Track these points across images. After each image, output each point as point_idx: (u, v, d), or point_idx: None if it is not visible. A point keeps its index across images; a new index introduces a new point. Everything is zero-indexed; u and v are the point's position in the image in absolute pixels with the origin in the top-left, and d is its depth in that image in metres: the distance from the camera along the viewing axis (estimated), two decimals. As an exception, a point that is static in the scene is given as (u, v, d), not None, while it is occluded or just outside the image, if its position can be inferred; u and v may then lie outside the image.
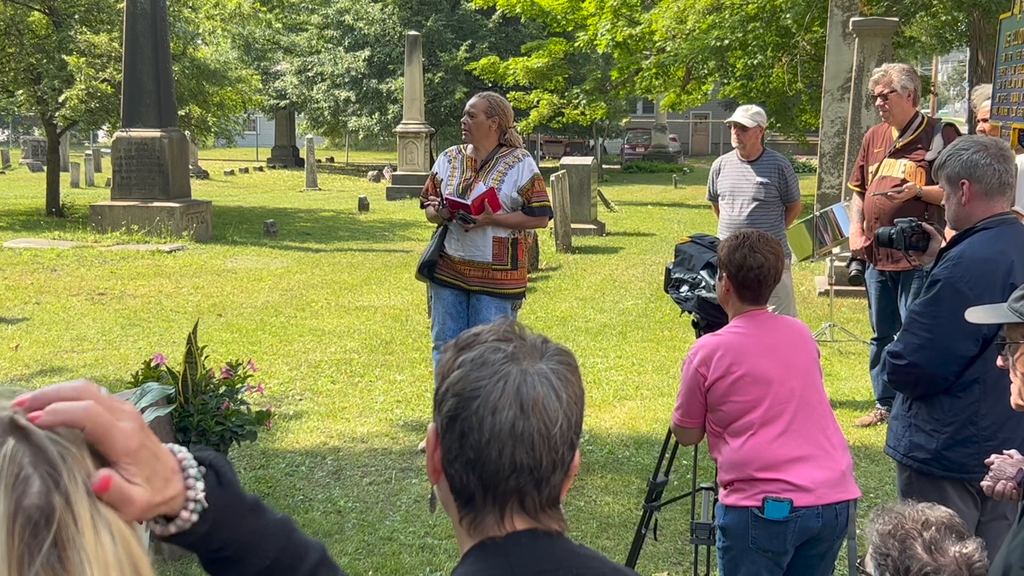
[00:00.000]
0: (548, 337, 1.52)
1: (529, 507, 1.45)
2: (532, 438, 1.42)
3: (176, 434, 5.32)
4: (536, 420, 1.42)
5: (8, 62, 20.16)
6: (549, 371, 1.45)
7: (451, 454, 1.45)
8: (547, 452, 1.43)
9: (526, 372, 1.43)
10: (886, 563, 2.36)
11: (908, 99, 6.71)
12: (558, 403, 1.44)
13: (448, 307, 6.36)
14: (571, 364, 1.49)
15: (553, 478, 1.46)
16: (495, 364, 1.44)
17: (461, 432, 1.43)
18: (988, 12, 18.88)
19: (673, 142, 50.44)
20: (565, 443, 1.45)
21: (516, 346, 1.46)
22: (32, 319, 10.59)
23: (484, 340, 1.48)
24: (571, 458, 1.48)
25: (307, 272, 14.27)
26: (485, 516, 1.46)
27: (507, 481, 1.43)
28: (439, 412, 1.47)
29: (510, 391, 1.42)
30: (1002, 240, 3.63)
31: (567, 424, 1.45)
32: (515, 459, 1.42)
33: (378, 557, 5.08)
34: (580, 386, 1.50)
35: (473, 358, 1.45)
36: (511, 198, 6.17)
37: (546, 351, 1.48)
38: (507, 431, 1.41)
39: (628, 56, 26.29)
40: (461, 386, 1.44)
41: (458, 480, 1.46)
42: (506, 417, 1.41)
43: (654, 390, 8.04)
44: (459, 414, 1.43)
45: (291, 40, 39.00)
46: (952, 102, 75.60)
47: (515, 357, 1.45)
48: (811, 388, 3.56)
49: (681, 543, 5.21)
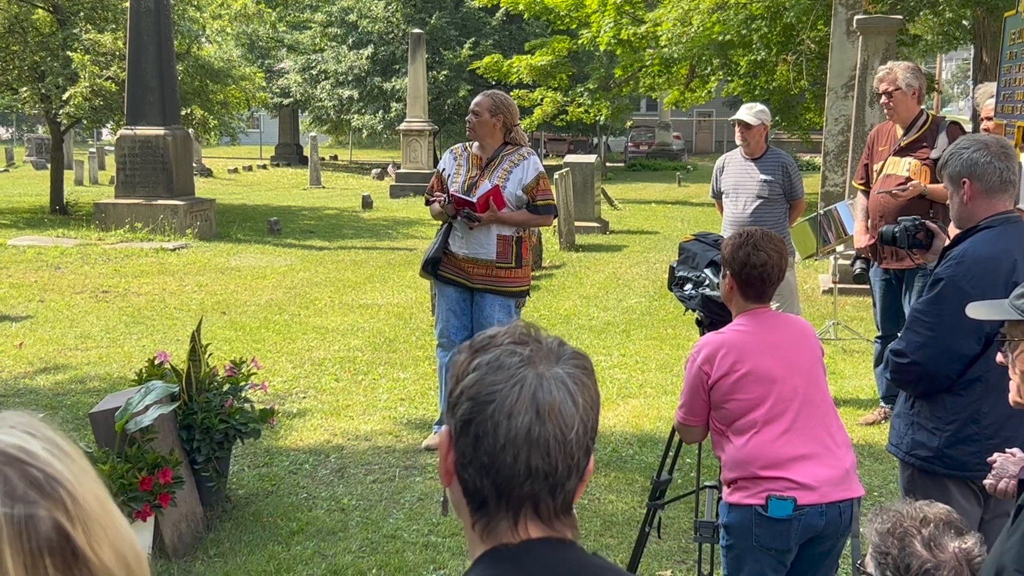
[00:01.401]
0: (564, 340, 1.50)
1: (543, 513, 1.43)
2: (548, 444, 1.39)
3: (180, 432, 5.33)
4: (552, 425, 1.39)
5: (12, 60, 20.17)
6: (566, 375, 1.43)
7: (465, 458, 1.43)
8: (563, 458, 1.41)
9: (542, 376, 1.41)
10: (886, 561, 2.36)
11: (912, 97, 6.70)
12: (574, 408, 1.41)
13: (452, 304, 6.37)
14: (587, 368, 1.47)
15: (568, 484, 1.43)
16: (511, 368, 1.41)
17: (476, 436, 1.41)
18: (992, 10, 18.85)
19: (677, 140, 50.42)
20: (581, 448, 1.43)
21: (532, 349, 1.44)
22: (36, 317, 10.60)
23: (500, 343, 1.45)
24: (586, 463, 1.45)
25: (311, 270, 14.28)
26: (499, 522, 1.43)
27: (522, 487, 1.41)
28: (453, 415, 1.45)
29: (526, 396, 1.39)
30: (1005, 238, 3.63)
31: (583, 429, 1.42)
32: (530, 465, 1.39)
33: (382, 555, 5.08)
34: (596, 390, 1.48)
35: (488, 361, 1.43)
36: (516, 196, 6.17)
37: (562, 355, 1.46)
38: (523, 436, 1.39)
39: (632, 54, 26.28)
40: (476, 390, 1.41)
41: (471, 484, 1.44)
42: (522, 422, 1.39)
43: (658, 388, 8.04)
44: (474, 418, 1.41)
45: (295, 38, 38.99)
46: (956, 100, 75.52)
47: (531, 361, 1.42)
48: (815, 386, 3.56)
49: (685, 541, 5.21)
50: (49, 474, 1.09)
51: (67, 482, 1.09)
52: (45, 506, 1.06)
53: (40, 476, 1.08)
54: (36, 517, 1.06)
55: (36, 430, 1.13)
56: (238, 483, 6.03)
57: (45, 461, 1.09)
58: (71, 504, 1.08)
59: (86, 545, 1.07)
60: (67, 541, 1.06)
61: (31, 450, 1.10)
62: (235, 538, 5.28)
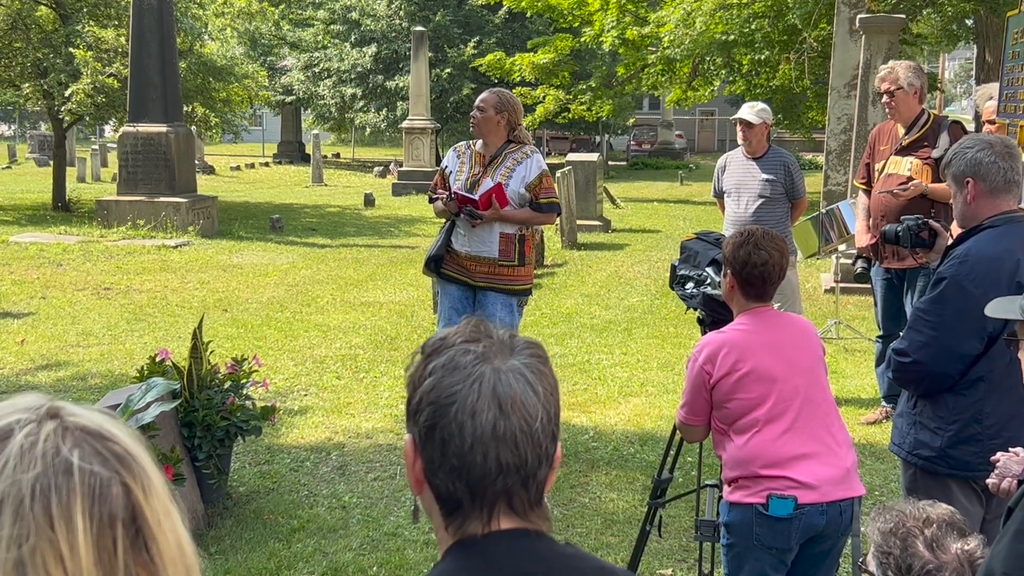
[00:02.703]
0: (515, 332, 1.50)
1: (517, 506, 1.43)
2: (515, 437, 1.39)
3: (181, 429, 5.33)
4: (517, 418, 1.40)
5: (15, 56, 20.19)
6: (522, 366, 1.43)
7: (434, 464, 1.42)
8: (531, 448, 1.41)
9: (499, 371, 1.41)
10: (888, 561, 2.35)
11: (914, 96, 6.69)
12: (536, 398, 1.42)
13: (454, 302, 6.36)
14: (542, 356, 1.47)
15: (539, 474, 1.44)
16: (467, 366, 1.41)
17: (442, 440, 1.40)
18: (995, 8, 18.83)
19: (679, 139, 50.38)
20: (547, 436, 1.43)
21: (485, 345, 1.44)
22: (38, 313, 10.61)
23: (452, 343, 1.45)
24: (554, 450, 1.46)
25: (313, 268, 14.28)
26: (472, 520, 1.43)
27: (495, 484, 1.40)
28: (415, 423, 1.44)
29: (487, 392, 1.39)
30: (1008, 238, 3.63)
31: (547, 417, 1.43)
32: (500, 460, 1.39)
33: (383, 553, 5.09)
34: (554, 377, 1.48)
35: (444, 363, 1.42)
36: (519, 194, 6.16)
37: (516, 346, 1.46)
38: (489, 433, 1.39)
39: (634, 52, 26.26)
40: (436, 394, 1.41)
41: (444, 489, 1.43)
42: (486, 419, 1.39)
43: (659, 387, 8.04)
44: (438, 422, 1.40)
45: (297, 36, 39.00)
46: (959, 99, 75.46)
47: (486, 357, 1.42)
48: (816, 385, 3.55)
49: (686, 540, 5.21)
50: (130, 451, 1.11)
51: (146, 463, 1.11)
52: (123, 478, 1.08)
53: (121, 450, 1.10)
54: (113, 484, 1.07)
55: (116, 417, 1.16)
56: (239, 480, 6.03)
57: (125, 441, 1.11)
58: (147, 483, 1.09)
59: (156, 525, 1.09)
60: (139, 518, 1.07)
61: (112, 429, 1.12)
62: (236, 535, 5.29)
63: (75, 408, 1.13)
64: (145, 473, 1.10)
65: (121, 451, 1.09)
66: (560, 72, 29.19)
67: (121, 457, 1.09)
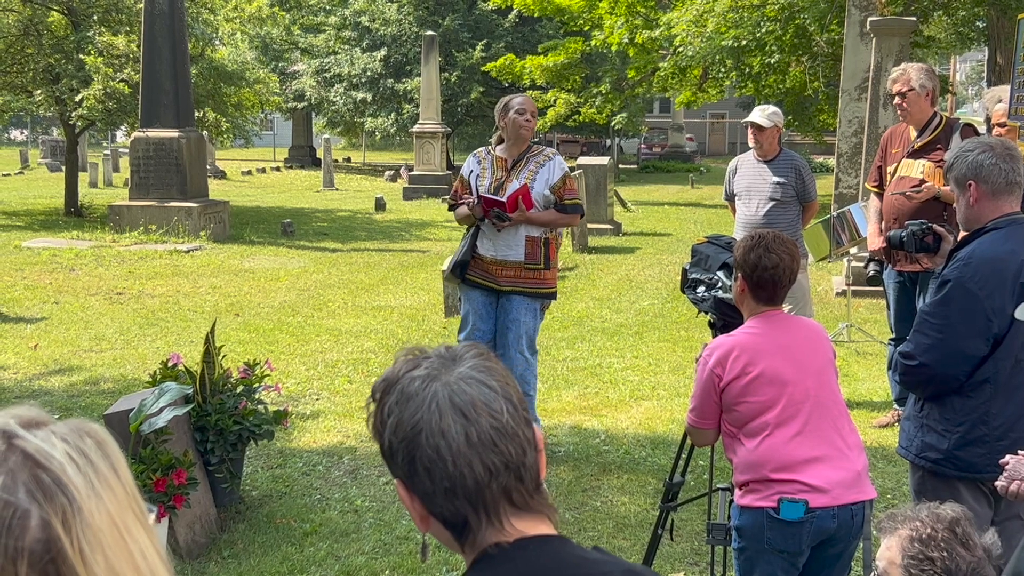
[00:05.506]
0: (448, 343, 1.52)
1: (519, 501, 1.44)
2: (490, 437, 1.41)
3: (194, 433, 5.35)
4: (484, 419, 1.41)
5: (27, 62, 20.29)
6: (469, 370, 1.45)
7: (429, 494, 1.44)
8: (510, 442, 1.43)
9: (449, 383, 1.43)
10: (929, 568, 2.32)
11: (926, 98, 6.67)
12: (494, 393, 1.44)
13: (478, 308, 6.36)
14: (483, 352, 1.49)
15: (527, 461, 1.45)
16: (419, 392, 1.43)
17: (426, 469, 1.42)
18: (1006, 10, 18.79)
19: (690, 142, 50.36)
20: (520, 424, 1.44)
21: (427, 366, 1.46)
22: (51, 318, 10.65)
23: (396, 378, 1.47)
24: (532, 434, 1.47)
25: (324, 272, 14.31)
26: (483, 531, 1.44)
27: (491, 488, 1.42)
28: (396, 466, 1.46)
29: (446, 408, 1.41)
30: (1012, 239, 3.63)
31: (512, 407, 1.44)
32: (486, 464, 1.41)
33: (395, 556, 5.10)
34: (502, 365, 1.50)
35: (396, 399, 1.45)
36: (543, 196, 6.21)
37: (456, 355, 1.48)
38: (464, 444, 1.40)
39: (645, 55, 26.26)
40: (401, 430, 1.43)
41: (448, 512, 1.45)
42: (457, 432, 1.40)
43: (671, 390, 8.03)
44: (415, 454, 1.42)
45: (308, 41, 39.11)
46: (970, 102, 75.24)
47: (432, 376, 1.44)
48: (826, 388, 3.55)
49: (697, 543, 5.21)
50: (60, 479, 1.07)
51: (75, 491, 1.07)
52: (42, 510, 1.05)
53: (48, 480, 1.07)
54: (30, 516, 1.04)
55: (74, 437, 1.12)
56: (252, 484, 6.05)
57: (60, 467, 1.08)
58: (71, 514, 1.06)
59: (77, 560, 1.05)
60: (54, 551, 1.04)
61: (50, 453, 1.09)
62: (249, 539, 5.30)
63: (39, 430, 1.10)
64: (74, 503, 1.06)
65: (51, 480, 1.06)
66: (571, 75, 29.21)
67: (47, 487, 1.05)
